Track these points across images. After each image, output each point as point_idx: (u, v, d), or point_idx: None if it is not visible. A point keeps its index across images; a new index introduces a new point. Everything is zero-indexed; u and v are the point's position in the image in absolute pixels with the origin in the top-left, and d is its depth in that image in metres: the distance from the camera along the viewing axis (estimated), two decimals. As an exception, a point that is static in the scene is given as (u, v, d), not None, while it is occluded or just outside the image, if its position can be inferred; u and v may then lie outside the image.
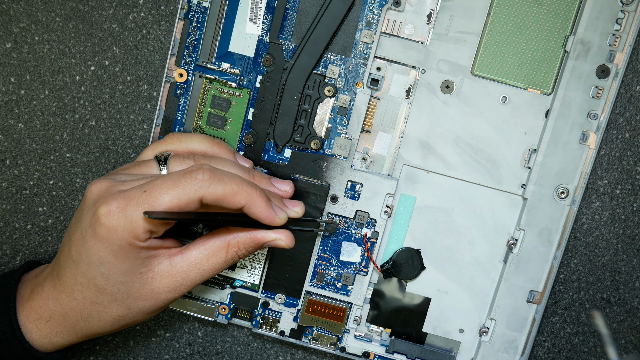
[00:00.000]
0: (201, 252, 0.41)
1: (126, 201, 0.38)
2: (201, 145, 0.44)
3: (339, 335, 0.49)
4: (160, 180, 0.38)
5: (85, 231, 0.39)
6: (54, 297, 0.41)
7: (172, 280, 0.41)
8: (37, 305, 0.41)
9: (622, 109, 0.47)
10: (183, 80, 0.46)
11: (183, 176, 0.38)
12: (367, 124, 0.47)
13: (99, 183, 0.40)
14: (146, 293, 0.40)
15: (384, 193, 0.47)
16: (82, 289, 0.40)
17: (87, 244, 0.39)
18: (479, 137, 0.46)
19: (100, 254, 0.38)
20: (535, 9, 0.45)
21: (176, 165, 0.41)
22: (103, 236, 0.38)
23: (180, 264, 0.41)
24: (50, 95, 0.48)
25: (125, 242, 0.38)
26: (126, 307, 0.41)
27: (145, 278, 0.40)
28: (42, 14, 0.47)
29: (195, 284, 0.41)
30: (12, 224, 0.50)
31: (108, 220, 0.38)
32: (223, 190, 0.39)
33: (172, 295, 0.41)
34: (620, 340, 0.50)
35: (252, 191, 0.39)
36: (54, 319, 0.41)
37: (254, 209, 0.40)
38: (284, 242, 0.42)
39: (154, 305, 0.41)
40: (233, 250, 0.41)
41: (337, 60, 0.46)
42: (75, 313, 0.41)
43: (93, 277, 0.39)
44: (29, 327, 0.41)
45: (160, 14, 0.47)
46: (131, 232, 0.38)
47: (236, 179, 0.39)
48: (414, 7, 0.45)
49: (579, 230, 0.49)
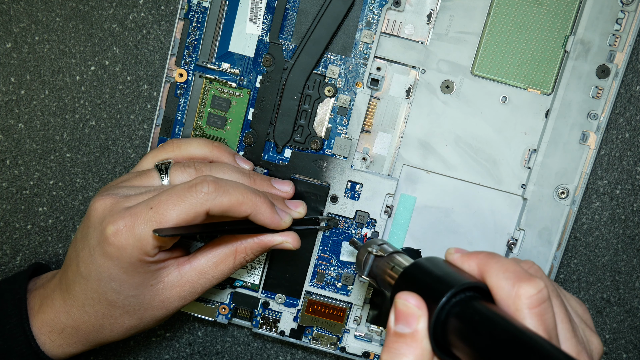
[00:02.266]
0: (209, 260, 0.41)
1: (133, 219, 0.38)
2: (201, 150, 0.44)
3: (339, 335, 0.49)
4: (165, 196, 0.38)
5: (94, 250, 0.39)
6: (65, 311, 0.41)
7: (182, 290, 0.41)
8: (49, 318, 0.41)
9: (622, 109, 0.47)
10: (183, 80, 0.46)
11: (188, 190, 0.38)
12: (367, 124, 0.47)
13: (102, 200, 0.39)
14: (157, 303, 0.41)
15: (384, 193, 0.47)
16: (93, 303, 0.40)
17: (96, 262, 0.39)
18: (479, 137, 0.46)
19: (110, 271, 0.38)
20: (535, 9, 0.45)
21: (177, 174, 0.41)
22: (112, 255, 0.38)
23: (189, 273, 0.41)
24: (50, 95, 0.48)
25: (135, 259, 0.38)
26: (138, 318, 0.41)
27: (156, 290, 0.40)
28: (42, 14, 0.47)
29: (205, 290, 0.42)
30: (12, 224, 0.50)
31: (116, 239, 0.38)
32: (229, 201, 0.39)
33: (183, 303, 0.41)
34: (620, 340, 0.50)
35: (257, 199, 0.40)
36: (67, 331, 0.41)
37: (260, 216, 0.40)
38: (290, 244, 0.42)
39: (164, 313, 0.41)
40: (241, 256, 0.42)
41: (337, 60, 0.46)
42: (87, 326, 0.41)
43: (104, 292, 0.39)
44: (42, 339, 0.41)
45: (160, 14, 0.47)
46: (140, 249, 0.38)
47: (240, 189, 0.39)
48: (414, 7, 0.45)
49: (579, 230, 0.49)
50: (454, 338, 0.30)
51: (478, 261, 0.32)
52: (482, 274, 0.31)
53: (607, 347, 0.51)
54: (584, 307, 0.36)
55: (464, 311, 0.30)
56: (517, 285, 0.29)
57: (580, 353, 0.31)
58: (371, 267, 0.40)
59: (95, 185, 0.50)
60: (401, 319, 0.32)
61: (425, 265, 0.34)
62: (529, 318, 0.29)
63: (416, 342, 0.31)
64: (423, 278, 0.33)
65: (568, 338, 0.31)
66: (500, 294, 0.30)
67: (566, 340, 0.31)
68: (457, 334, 0.30)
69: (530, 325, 0.29)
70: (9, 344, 0.41)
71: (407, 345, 0.31)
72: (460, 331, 0.29)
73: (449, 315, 0.30)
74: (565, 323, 0.31)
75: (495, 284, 0.30)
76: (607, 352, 0.51)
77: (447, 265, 0.33)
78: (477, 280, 0.31)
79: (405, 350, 0.31)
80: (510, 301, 0.29)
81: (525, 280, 0.29)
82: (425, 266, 0.34)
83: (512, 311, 0.29)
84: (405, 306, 0.32)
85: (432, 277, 0.32)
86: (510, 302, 0.29)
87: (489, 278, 0.31)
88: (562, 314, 0.32)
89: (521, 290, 0.29)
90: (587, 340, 0.33)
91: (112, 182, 0.43)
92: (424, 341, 0.31)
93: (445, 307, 0.30)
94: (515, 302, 0.29)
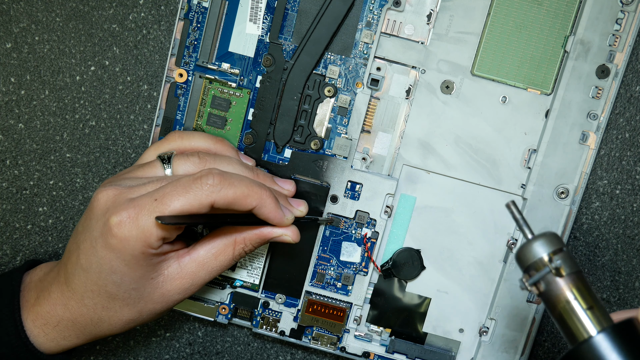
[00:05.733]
0: (209, 251, 0.41)
1: (137, 210, 0.37)
2: (204, 143, 0.43)
3: (339, 335, 0.49)
4: (170, 188, 0.38)
5: (96, 241, 0.38)
6: (62, 304, 0.40)
7: (183, 282, 0.41)
8: (44, 310, 0.41)
9: (622, 109, 0.47)
10: (183, 81, 0.46)
11: (193, 182, 0.38)
12: (367, 124, 0.47)
13: (105, 191, 0.39)
14: (157, 296, 0.40)
15: (384, 193, 0.47)
16: (92, 296, 0.40)
17: (98, 254, 0.38)
18: (479, 137, 0.46)
19: (112, 263, 0.38)
20: (535, 9, 0.45)
21: (180, 164, 0.41)
22: (115, 246, 0.38)
23: (189, 265, 0.41)
24: (50, 95, 0.48)
25: (138, 251, 0.38)
26: (137, 311, 0.41)
27: (157, 282, 0.40)
28: (42, 14, 0.47)
29: (205, 283, 0.42)
30: (12, 224, 0.50)
31: (120, 230, 0.37)
32: (234, 194, 0.39)
33: (183, 296, 0.41)
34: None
35: (263, 192, 0.40)
36: (62, 324, 0.41)
37: (264, 209, 0.40)
38: (290, 237, 0.42)
39: (164, 307, 0.41)
40: (240, 247, 0.42)
41: (337, 60, 0.46)
42: (85, 318, 0.41)
43: (104, 284, 0.39)
44: (36, 332, 0.41)
45: (160, 14, 0.47)
46: (144, 241, 0.37)
47: (246, 181, 0.39)
48: (414, 7, 0.45)
49: (579, 230, 0.49)
50: None
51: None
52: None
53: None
54: None
55: None
56: None
57: None
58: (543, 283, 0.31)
59: (96, 185, 0.50)
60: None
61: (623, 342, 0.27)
62: None
63: None
64: None
65: None
66: None
67: None
68: None
69: None
70: None
71: None
72: None
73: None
74: None
75: None
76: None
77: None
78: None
79: None
80: None
81: None
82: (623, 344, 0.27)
83: None
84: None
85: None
86: None
87: None
88: None
89: None
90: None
91: (115, 175, 0.42)
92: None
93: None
94: None
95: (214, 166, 0.41)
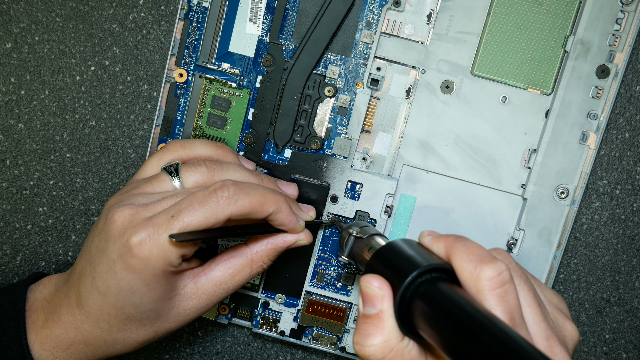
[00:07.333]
0: (225, 271, 0.41)
1: (155, 229, 0.37)
2: (205, 150, 0.43)
3: (339, 335, 0.49)
4: (186, 203, 0.37)
5: (114, 263, 0.37)
6: (75, 327, 0.39)
7: (200, 301, 0.40)
8: (55, 334, 0.40)
9: (622, 109, 0.47)
10: (183, 81, 0.46)
11: (209, 196, 0.37)
12: (367, 124, 0.47)
13: (121, 211, 0.38)
14: (173, 315, 0.40)
15: (384, 193, 0.47)
16: (109, 318, 0.39)
17: (117, 276, 0.37)
18: (479, 137, 0.46)
19: (132, 284, 0.37)
20: (535, 9, 0.45)
21: (189, 175, 0.40)
22: (136, 267, 0.37)
23: (205, 284, 0.40)
24: (50, 95, 0.48)
25: (160, 270, 0.37)
26: (153, 331, 0.40)
27: (173, 302, 0.39)
28: (42, 14, 0.47)
29: (220, 300, 0.41)
30: (12, 224, 0.50)
31: (141, 250, 0.37)
32: (250, 203, 0.38)
33: (198, 314, 0.41)
34: (620, 340, 0.50)
35: (278, 198, 0.39)
36: (74, 347, 0.40)
37: (280, 215, 0.40)
38: (305, 240, 0.42)
39: (179, 325, 0.41)
40: (258, 265, 0.42)
41: (337, 60, 0.46)
42: (98, 341, 0.40)
43: (122, 307, 0.38)
44: (44, 355, 0.40)
45: (160, 14, 0.47)
46: (165, 259, 0.37)
47: (260, 189, 0.39)
48: (414, 7, 0.45)
49: (579, 230, 0.49)
50: (418, 318, 0.30)
51: (446, 244, 0.32)
52: (448, 256, 0.32)
53: (607, 347, 0.51)
54: (560, 297, 0.36)
55: (427, 291, 0.30)
56: (479, 267, 0.30)
57: (551, 337, 0.31)
58: (351, 248, 0.41)
59: (95, 185, 0.50)
60: (366, 301, 0.32)
61: (397, 246, 0.34)
62: (489, 299, 0.29)
63: (382, 322, 0.31)
64: (393, 259, 0.33)
65: (537, 322, 0.31)
66: (464, 275, 0.30)
67: (535, 324, 0.31)
68: (421, 314, 0.30)
69: (490, 306, 0.29)
70: (4, 358, 0.39)
71: (374, 326, 0.31)
72: (423, 311, 0.30)
73: (414, 296, 0.31)
74: (534, 307, 0.32)
75: (459, 265, 0.31)
76: (607, 352, 0.51)
77: (419, 247, 0.34)
78: (444, 262, 0.32)
79: (372, 331, 0.32)
80: (472, 282, 0.30)
81: (487, 262, 0.30)
82: (396, 247, 0.34)
83: (474, 292, 0.30)
84: (368, 288, 0.32)
85: (401, 258, 0.33)
86: (472, 283, 0.30)
87: (454, 260, 0.31)
88: (529, 298, 0.32)
89: (482, 272, 0.30)
90: (560, 327, 0.34)
91: (121, 191, 0.41)
92: (389, 320, 0.31)
93: (410, 287, 0.31)
94: (477, 283, 0.30)
95: (222, 174, 0.41)
